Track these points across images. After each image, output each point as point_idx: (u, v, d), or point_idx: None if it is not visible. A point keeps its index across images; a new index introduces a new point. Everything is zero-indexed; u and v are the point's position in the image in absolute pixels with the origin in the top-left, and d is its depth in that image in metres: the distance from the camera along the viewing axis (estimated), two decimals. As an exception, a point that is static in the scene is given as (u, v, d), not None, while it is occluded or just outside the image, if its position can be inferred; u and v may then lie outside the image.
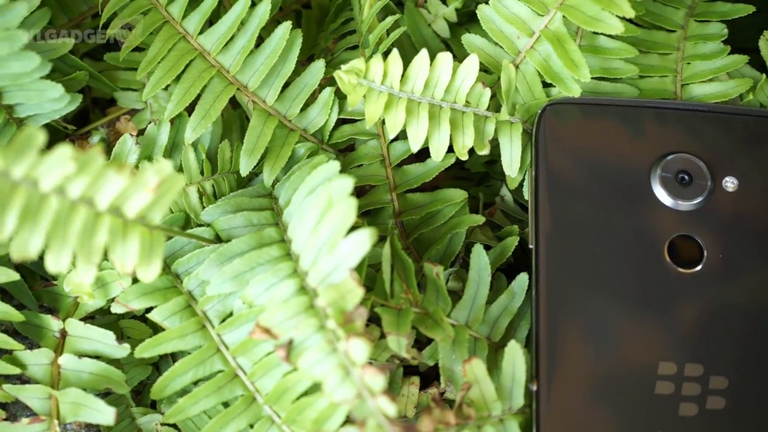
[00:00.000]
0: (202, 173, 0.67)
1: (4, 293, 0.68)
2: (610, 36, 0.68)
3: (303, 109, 0.69)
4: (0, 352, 0.64)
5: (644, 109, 0.66)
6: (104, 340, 0.64)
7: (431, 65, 0.65)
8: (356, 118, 0.70)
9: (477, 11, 0.68)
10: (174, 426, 0.64)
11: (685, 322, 0.61)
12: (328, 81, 0.70)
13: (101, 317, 0.68)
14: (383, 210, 0.69)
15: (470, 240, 0.68)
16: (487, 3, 0.68)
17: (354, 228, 0.56)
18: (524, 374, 0.60)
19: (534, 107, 0.67)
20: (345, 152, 0.71)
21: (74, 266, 0.54)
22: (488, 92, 0.67)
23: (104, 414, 0.60)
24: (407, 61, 0.65)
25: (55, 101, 0.66)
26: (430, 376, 0.66)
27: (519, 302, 0.64)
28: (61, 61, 0.70)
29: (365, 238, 0.55)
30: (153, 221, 0.55)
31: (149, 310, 0.63)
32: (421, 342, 0.65)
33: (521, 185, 0.68)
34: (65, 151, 0.51)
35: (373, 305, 0.61)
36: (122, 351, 0.64)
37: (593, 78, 0.68)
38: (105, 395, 0.64)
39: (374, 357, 0.63)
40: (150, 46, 0.68)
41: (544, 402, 0.59)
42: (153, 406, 0.66)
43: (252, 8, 0.67)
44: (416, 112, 0.65)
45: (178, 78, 0.67)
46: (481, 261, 0.64)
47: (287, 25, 0.67)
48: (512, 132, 0.67)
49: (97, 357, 0.63)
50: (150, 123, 0.69)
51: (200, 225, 0.66)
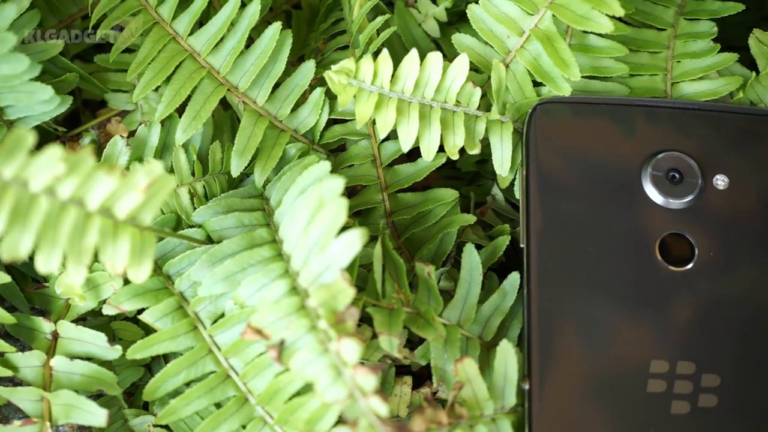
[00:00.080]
0: (193, 174, 0.67)
1: (-4, 296, 0.68)
2: (600, 35, 0.68)
3: (293, 110, 0.69)
4: (-8, 355, 0.64)
5: (634, 108, 0.66)
6: (96, 342, 0.64)
7: (421, 65, 0.65)
8: (347, 119, 0.70)
9: (467, 11, 0.68)
10: (166, 427, 0.64)
11: (677, 321, 0.61)
12: (319, 81, 0.70)
13: (93, 319, 0.68)
14: (374, 210, 0.69)
15: (462, 239, 0.68)
16: (477, 2, 0.68)
17: (345, 228, 0.56)
18: (516, 373, 0.60)
19: (524, 106, 0.67)
20: (336, 152, 0.71)
21: (65, 268, 0.54)
22: (479, 92, 0.67)
23: (96, 416, 0.60)
24: (397, 61, 0.65)
25: (46, 103, 0.66)
26: (423, 376, 0.66)
27: (510, 301, 0.64)
28: (52, 63, 0.70)
29: (356, 238, 0.55)
30: (144, 222, 0.55)
31: (141, 312, 0.63)
32: (413, 342, 0.65)
33: (512, 184, 0.68)
34: (55, 152, 0.51)
35: (365, 305, 0.61)
36: (114, 352, 0.64)
37: (583, 77, 0.68)
38: (97, 397, 0.64)
39: (366, 357, 0.63)
40: (140, 48, 0.68)
41: (536, 401, 0.59)
42: (145, 408, 0.66)
43: (242, 9, 0.67)
44: (407, 112, 0.65)
45: (169, 79, 0.67)
46: (473, 260, 0.64)
47: (277, 26, 0.67)
48: (503, 131, 0.67)
49: (89, 359, 0.63)
50: (141, 124, 0.69)
51: (191, 226, 0.66)
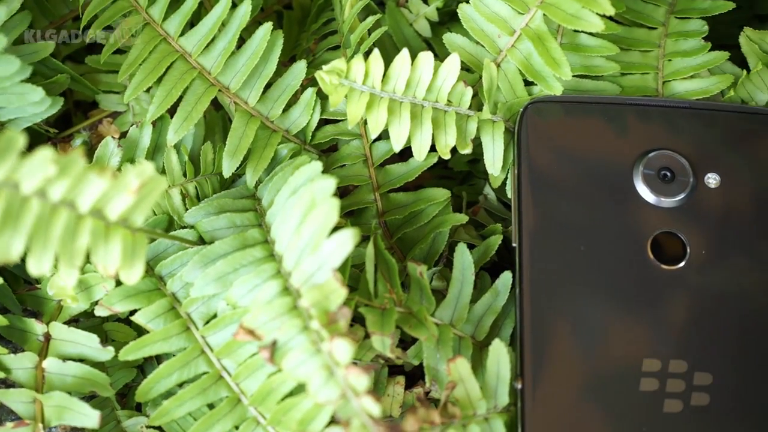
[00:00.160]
0: (185, 175, 0.67)
1: (-13, 297, 0.68)
2: (591, 34, 0.68)
3: (285, 110, 0.69)
4: (-16, 357, 0.64)
5: (626, 107, 0.66)
6: (88, 343, 0.64)
7: (412, 65, 0.65)
8: (338, 119, 0.70)
9: (458, 10, 0.68)
10: (159, 428, 0.64)
11: (669, 319, 0.61)
12: (310, 81, 0.70)
13: (85, 320, 0.67)
14: (366, 210, 0.69)
15: (454, 239, 0.68)
16: (468, 2, 0.68)
17: (337, 228, 0.56)
18: (509, 372, 0.60)
19: (516, 106, 0.67)
20: (328, 153, 0.71)
21: (57, 269, 0.54)
22: (470, 91, 0.67)
23: (89, 417, 0.60)
24: (389, 61, 0.65)
25: (37, 105, 0.66)
26: (415, 376, 0.66)
27: (503, 301, 0.64)
28: (42, 65, 0.70)
29: (348, 238, 0.55)
30: (135, 223, 0.55)
31: (133, 313, 0.63)
32: (406, 341, 0.65)
33: (504, 184, 0.68)
34: (46, 154, 0.51)
35: (357, 305, 0.61)
36: (106, 354, 0.63)
37: (574, 76, 0.68)
38: (90, 398, 0.64)
39: (359, 357, 0.63)
40: (131, 49, 0.68)
41: (529, 400, 0.59)
42: (138, 409, 0.66)
43: (233, 9, 0.67)
44: (398, 112, 0.65)
45: (160, 80, 0.67)
46: (465, 260, 0.64)
47: (268, 26, 0.67)
48: (494, 131, 0.67)
49: (82, 360, 0.63)
50: (132, 125, 0.68)
51: (183, 227, 0.66)
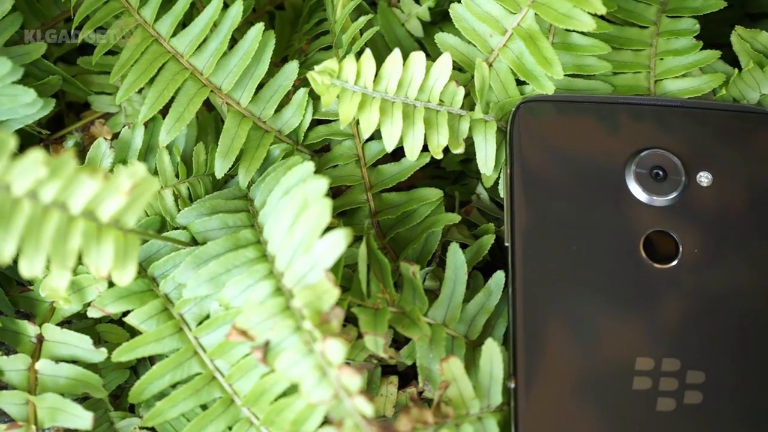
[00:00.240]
0: (177, 176, 0.67)
1: (-20, 300, 0.68)
2: (583, 33, 0.68)
3: (277, 111, 0.69)
4: (-23, 359, 0.64)
5: (618, 106, 0.66)
6: (81, 345, 0.64)
7: (404, 65, 0.65)
8: (331, 119, 0.70)
9: (450, 10, 0.68)
10: (152, 429, 0.64)
11: (662, 318, 0.61)
12: (302, 82, 0.70)
13: (78, 322, 0.67)
14: (359, 210, 0.69)
15: (447, 239, 0.68)
16: (460, 2, 0.68)
17: (330, 228, 0.56)
18: (502, 372, 0.60)
19: (508, 105, 0.67)
20: (320, 153, 0.71)
21: (49, 271, 0.54)
22: (462, 91, 0.67)
23: (82, 419, 0.60)
24: (381, 61, 0.65)
25: (28, 106, 0.66)
26: (409, 376, 0.66)
27: (496, 300, 0.64)
28: (34, 66, 0.70)
29: (340, 239, 0.55)
30: (127, 224, 0.55)
31: (126, 314, 0.63)
32: (399, 341, 0.65)
33: (497, 183, 0.68)
34: (37, 156, 0.51)
35: (350, 305, 0.61)
36: (99, 355, 0.63)
37: (566, 75, 0.68)
38: (83, 400, 0.64)
39: (352, 357, 0.63)
40: (123, 50, 0.68)
41: (522, 399, 0.59)
42: (131, 410, 0.66)
43: (224, 10, 0.67)
44: (390, 112, 0.65)
45: (152, 81, 0.67)
46: (458, 259, 0.64)
47: (260, 27, 0.67)
48: (487, 130, 0.67)
49: (75, 362, 0.63)
50: (124, 126, 0.68)
51: (176, 228, 0.66)
